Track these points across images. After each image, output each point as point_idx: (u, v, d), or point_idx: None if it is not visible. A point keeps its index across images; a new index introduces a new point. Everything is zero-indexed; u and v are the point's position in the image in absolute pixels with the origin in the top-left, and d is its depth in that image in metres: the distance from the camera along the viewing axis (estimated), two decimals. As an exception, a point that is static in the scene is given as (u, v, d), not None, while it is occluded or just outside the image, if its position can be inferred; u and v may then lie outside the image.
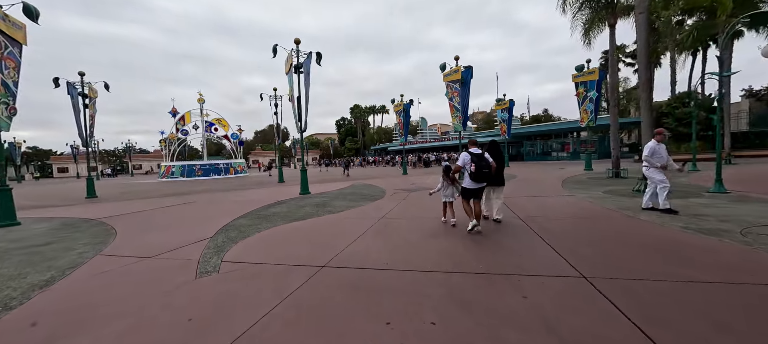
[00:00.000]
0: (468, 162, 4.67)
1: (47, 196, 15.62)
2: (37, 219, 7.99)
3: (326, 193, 11.07)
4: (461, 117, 13.95)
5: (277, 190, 13.27)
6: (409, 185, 12.90)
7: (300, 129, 11.17)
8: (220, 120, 30.87)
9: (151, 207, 9.34)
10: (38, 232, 6.13)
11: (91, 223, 7.02)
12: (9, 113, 7.44)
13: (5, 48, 7.29)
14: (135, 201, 11.59)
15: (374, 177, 19.94)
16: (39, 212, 9.44)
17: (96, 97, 14.42)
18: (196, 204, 9.82)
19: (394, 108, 21.85)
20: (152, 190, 16.49)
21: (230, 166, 28.44)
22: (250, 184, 17.98)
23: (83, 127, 13.54)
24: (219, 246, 4.52)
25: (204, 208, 8.75)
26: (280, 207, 8.25)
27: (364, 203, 8.35)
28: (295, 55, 10.83)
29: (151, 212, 8.45)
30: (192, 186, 18.58)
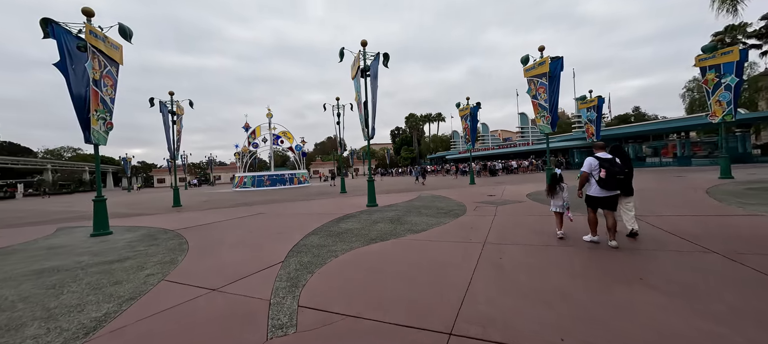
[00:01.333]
0: (596, 167, 4.22)
1: (143, 204, 17.45)
2: (126, 228, 8.32)
3: (395, 206, 9.99)
4: (549, 116, 11.81)
5: (342, 201, 12.64)
6: (486, 197, 11.18)
7: (367, 135, 10.35)
8: (285, 133, 32.49)
9: (224, 218, 9.27)
10: (120, 245, 6.08)
11: (169, 235, 6.92)
12: (106, 128, 7.89)
13: (104, 67, 7.77)
14: (211, 211, 11.95)
15: (440, 187, 18.42)
16: (132, 221, 10.06)
17: (182, 114, 15.68)
18: (265, 215, 9.53)
19: (459, 112, 20.19)
20: (227, 200, 17.37)
21: (294, 177, 29.51)
22: (314, 194, 17.93)
23: (172, 140, 14.72)
24: (292, 277, 3.61)
25: (273, 221, 8.31)
26: (351, 221, 7.34)
27: (446, 219, 7.00)
28: (362, 58, 10.13)
29: (224, 224, 8.25)
30: (261, 196, 19.24)
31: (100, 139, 7.69)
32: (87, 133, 7.37)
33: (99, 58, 7.58)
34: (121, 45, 8.34)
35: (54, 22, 7.17)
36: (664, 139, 29.26)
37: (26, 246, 6.59)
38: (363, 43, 10.15)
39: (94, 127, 7.44)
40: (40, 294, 3.47)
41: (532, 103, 12.37)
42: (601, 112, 20.32)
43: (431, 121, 75.88)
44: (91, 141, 7.42)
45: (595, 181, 4.24)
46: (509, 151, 40.14)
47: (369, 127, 10.21)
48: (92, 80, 7.37)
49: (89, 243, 6.54)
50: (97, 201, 7.54)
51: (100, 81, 7.61)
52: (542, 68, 11.62)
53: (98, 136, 7.60)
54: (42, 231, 8.70)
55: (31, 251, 6.00)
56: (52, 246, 6.40)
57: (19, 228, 10.18)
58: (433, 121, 76.42)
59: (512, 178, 24.12)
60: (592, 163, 4.27)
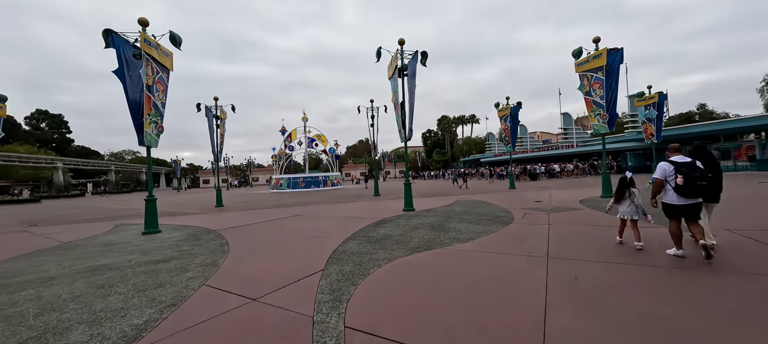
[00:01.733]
0: (671, 173, 3.84)
1: (190, 204, 18.52)
2: (174, 227, 8.67)
3: (434, 211, 9.48)
4: (606, 115, 10.62)
5: (377, 204, 12.37)
6: (532, 203, 10.28)
7: (404, 137, 9.98)
8: (319, 136, 33.16)
9: (263, 220, 9.37)
10: (167, 244, 6.25)
11: (211, 236, 7.03)
12: (157, 131, 8.28)
13: (156, 73, 8.17)
14: (250, 212, 12.25)
15: (478, 191, 17.53)
16: (179, 220, 10.55)
17: (225, 118, 16.42)
18: (302, 218, 9.50)
19: (498, 112, 19.14)
20: (264, 201, 17.89)
21: (328, 179, 29.94)
22: (348, 197, 17.90)
23: (215, 143, 15.45)
24: (334, 289, 3.31)
25: (309, 224, 8.20)
26: (389, 226, 6.99)
27: (493, 227, 6.40)
28: (399, 57, 9.80)
29: (262, 226, 8.30)
30: (296, 197, 19.61)
31: (152, 142, 8.08)
32: (140, 135, 7.77)
33: (152, 64, 7.99)
34: (171, 52, 8.77)
35: (114, 32, 7.65)
36: (738, 139, 25.65)
37: (87, 241, 7.02)
38: (400, 42, 9.83)
39: (146, 130, 7.82)
40: (89, 294, 3.49)
41: (586, 100, 11.25)
42: (662, 109, 18.20)
43: (464, 122, 73.86)
44: (144, 143, 7.81)
45: (671, 188, 3.84)
46: (550, 153, 37.65)
47: (406, 128, 9.83)
48: (145, 86, 7.76)
49: (140, 241, 6.82)
50: (148, 201, 7.92)
51: (152, 86, 8.00)
52: (598, 61, 10.51)
53: (150, 139, 7.99)
54: (102, 228, 9.36)
55: (89, 247, 6.35)
56: (107, 242, 6.75)
57: (86, 223, 11.10)
58: (467, 123, 74.33)
59: (556, 183, 22.42)
60: (667, 168, 3.89)
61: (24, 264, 5.13)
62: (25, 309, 3.11)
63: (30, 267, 4.92)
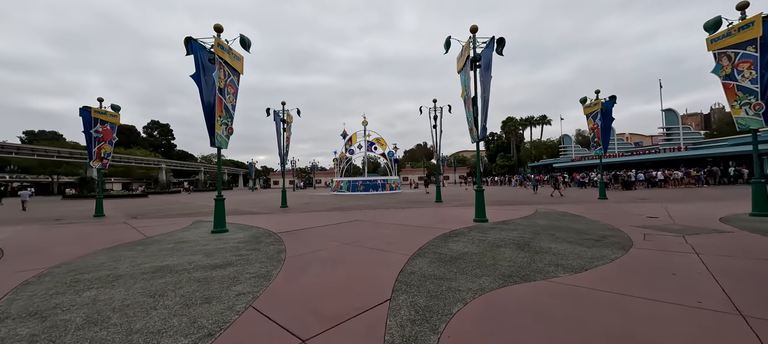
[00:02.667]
0: None
1: (260, 203, 19.70)
2: (239, 227, 8.81)
3: (512, 223, 8.02)
4: (760, 103, 7.83)
5: (441, 212, 11.22)
6: (646, 219, 8.06)
7: (476, 136, 8.72)
8: (378, 139, 33.12)
9: (322, 223, 9.02)
10: (229, 245, 6.11)
11: (272, 239, 6.79)
12: (228, 132, 8.50)
13: (228, 76, 8.40)
14: (311, 214, 12.20)
15: (558, 201, 15.09)
16: (247, 219, 10.88)
17: (291, 122, 17.02)
18: (361, 223, 8.90)
19: (584, 109, 16.32)
20: (325, 203, 18.06)
21: (387, 182, 29.57)
22: (408, 202, 17.04)
23: (282, 146, 16.04)
24: (408, 337, 2.40)
25: (370, 231, 7.51)
26: (463, 242, 5.87)
27: (607, 251, 4.82)
28: (471, 46, 8.61)
29: (321, 231, 7.88)
30: (356, 200, 19.44)
31: (222, 143, 8.29)
32: (212, 137, 8.01)
33: (224, 68, 8.21)
34: (242, 56, 8.99)
35: (193, 39, 8.04)
36: None
37: (164, 237, 7.37)
38: (473, 30, 8.65)
39: (217, 132, 8.04)
40: (139, 304, 3.19)
41: (725, 86, 8.53)
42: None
43: (533, 124, 67.35)
44: (215, 144, 8.03)
45: None
46: (648, 158, 31.50)
47: (479, 127, 8.56)
48: (218, 88, 7.98)
49: (207, 240, 6.88)
50: (218, 201, 8.11)
51: (224, 89, 8.22)
52: (748, 33, 7.85)
53: (221, 140, 8.20)
54: (183, 223, 10.04)
55: (164, 243, 6.57)
56: (180, 240, 6.95)
57: (174, 218, 12.20)
58: (536, 125, 67.68)
59: (661, 194, 18.32)
60: None
61: (104, 257, 5.36)
62: (73, 318, 2.88)
63: (107, 261, 5.07)
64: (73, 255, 5.67)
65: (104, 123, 14.34)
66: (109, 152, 14.85)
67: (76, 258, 5.37)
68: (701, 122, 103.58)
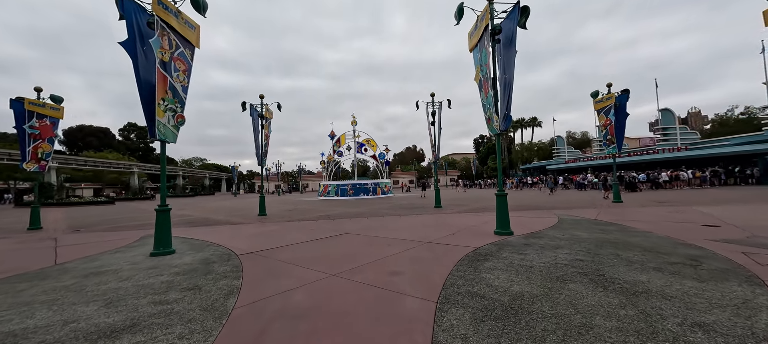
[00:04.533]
0: None
1: (237, 210, 17.45)
2: (193, 244, 6.75)
3: (543, 235, 6.30)
4: None
5: (446, 220, 9.43)
6: (707, 230, 6.50)
7: (497, 126, 6.97)
8: (369, 141, 31.26)
9: (303, 239, 7.08)
10: (158, 282, 4.11)
11: (229, 266, 4.83)
12: (176, 122, 6.47)
13: (176, 48, 6.39)
14: (293, 223, 10.21)
15: (571, 205, 13.59)
16: (209, 232, 8.79)
17: (271, 118, 14.96)
18: (352, 237, 7.01)
19: (595, 105, 14.94)
20: (311, 210, 16.04)
21: (378, 186, 27.69)
22: (403, 207, 15.22)
23: (259, 145, 13.97)
24: None
25: (366, 250, 5.62)
26: (500, 271, 4.08)
27: (747, 292, 3.12)
28: (489, 16, 6.90)
29: (301, 250, 5.95)
30: (345, 206, 17.49)
31: (168, 135, 6.26)
32: (151, 126, 5.96)
33: (169, 35, 6.21)
34: (198, 25, 7.00)
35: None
36: None
37: (78, 265, 5.28)
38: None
39: (159, 120, 6.01)
40: None
41: None
42: None
43: (524, 126, 66.99)
44: (156, 136, 5.98)
45: None
46: (654, 158, 30.57)
47: (500, 114, 6.82)
48: (159, 62, 5.97)
49: (136, 269, 4.85)
50: (160, 212, 6.04)
51: (169, 64, 6.21)
52: None
53: (165, 131, 6.17)
54: (125, 240, 7.88)
55: (67, 277, 4.51)
56: (96, 270, 4.89)
57: (122, 231, 9.97)
58: (527, 127, 67.36)
59: (674, 196, 17.13)
60: None
61: (-65, 313, 3.29)
62: None
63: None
64: None
65: (42, 117, 11.96)
66: (49, 152, 12.44)
67: None
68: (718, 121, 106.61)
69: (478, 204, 15.87)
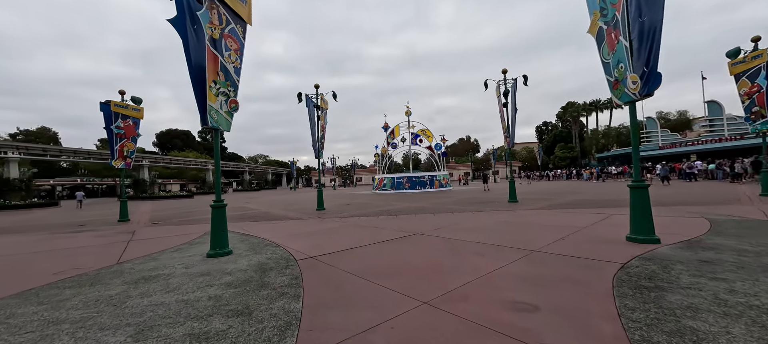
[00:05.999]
0: None
1: (296, 204, 17.46)
2: (249, 246, 6.10)
3: (706, 244, 4.24)
4: None
5: (533, 219, 7.58)
6: None
7: (634, 93, 4.97)
8: (424, 131, 29.62)
9: (369, 240, 5.99)
10: (204, 298, 3.28)
11: (287, 276, 3.90)
12: (229, 108, 5.81)
13: (226, 24, 5.69)
14: (352, 219, 9.31)
15: (700, 200, 10.50)
16: (268, 229, 8.27)
17: (326, 109, 14.38)
18: (428, 240, 5.70)
19: (732, 68, 11.28)
20: (368, 204, 15.20)
21: (435, 179, 26.01)
22: (469, 202, 13.47)
23: (316, 137, 13.44)
24: None
25: (450, 262, 4.27)
26: (706, 312, 2.38)
27: None
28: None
29: (369, 258, 4.83)
30: (404, 201, 16.31)
31: (221, 122, 5.61)
32: (203, 113, 5.33)
33: (219, 9, 5.52)
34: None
35: (177, -27, 5.44)
36: None
37: (135, 267, 4.86)
38: None
39: (211, 105, 5.35)
40: None
41: None
42: None
43: (599, 108, 58.42)
44: (208, 123, 5.34)
45: None
46: None
47: (637, 71, 4.80)
48: (209, 39, 5.30)
49: (188, 275, 4.19)
50: (215, 208, 5.42)
51: (219, 42, 5.53)
52: None
53: (218, 118, 5.52)
54: (188, 236, 7.70)
55: (116, 283, 3.99)
56: (147, 275, 4.35)
57: (190, 225, 10.12)
58: (602, 109, 58.61)
59: None
60: None
61: (21, 308, 2.80)
62: None
63: None
64: (-55, 312, 3.23)
65: (126, 118, 12.89)
66: (133, 150, 13.41)
67: (-75, 326, 2.89)
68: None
69: (562, 199, 13.39)
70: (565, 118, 62.43)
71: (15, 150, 31.01)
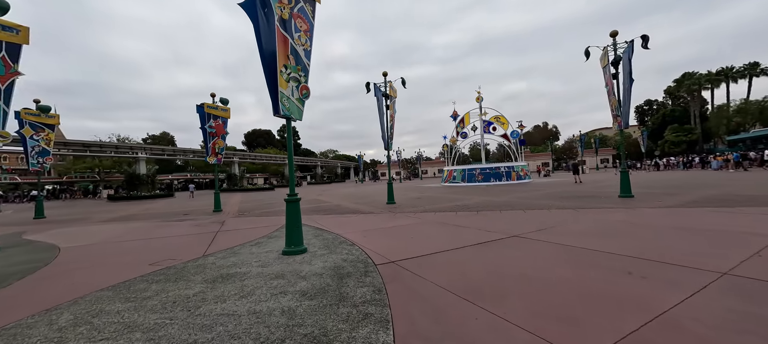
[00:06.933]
0: None
1: (365, 197, 17.35)
2: (325, 242, 5.68)
3: None
4: None
5: (673, 221, 5.57)
6: None
7: None
8: (498, 118, 26.91)
9: (455, 242, 5.02)
10: (291, 297, 2.76)
11: (367, 285, 3.23)
12: (300, 95, 5.41)
13: (296, 2, 5.26)
14: (428, 214, 8.42)
15: None
16: (340, 223, 7.92)
17: (395, 97, 13.67)
18: (535, 247, 4.46)
19: None
20: (441, 197, 14.13)
21: (512, 170, 23.39)
22: (565, 197, 11.33)
23: (385, 127, 12.86)
24: None
25: (592, 284, 3.04)
26: None
27: None
28: None
29: (463, 261, 3.88)
30: (480, 194, 14.77)
31: (293, 110, 5.23)
32: (275, 102, 4.99)
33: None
34: (319, -27, 5.75)
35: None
36: None
37: (216, 261, 4.79)
38: None
39: (283, 92, 4.99)
40: None
41: None
42: None
43: (732, 77, 45.67)
44: (280, 112, 4.99)
45: None
46: None
47: None
48: (278, 19, 4.91)
49: (264, 276, 3.86)
50: (289, 202, 5.09)
51: (289, 22, 5.12)
52: None
53: (290, 106, 5.15)
54: (267, 229, 7.80)
55: (207, 275, 3.84)
56: (227, 273, 4.15)
57: (269, 217, 10.50)
58: (737, 78, 45.69)
59: None
60: None
61: (66, 318, 2.74)
62: None
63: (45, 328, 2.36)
64: (81, 285, 3.36)
65: (216, 118, 14.16)
66: (223, 147, 14.72)
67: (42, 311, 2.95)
68: None
69: (697, 194, 10.33)
70: (679, 94, 50.67)
71: (142, 151, 38.44)
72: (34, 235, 8.77)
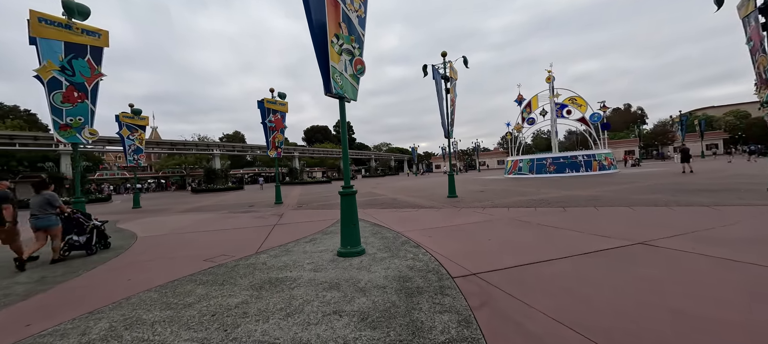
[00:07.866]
0: None
1: (423, 190, 16.37)
2: (384, 242, 4.90)
3: None
4: None
5: None
6: None
7: None
8: (574, 99, 23.35)
9: (551, 252, 3.81)
10: (346, 318, 2.01)
11: (449, 310, 2.29)
12: (355, 70, 4.64)
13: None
14: (499, 210, 7.14)
15: None
16: (399, 219, 7.10)
17: (456, 79, 12.35)
18: (671, 258, 3.05)
19: None
20: (507, 190, 12.50)
21: (593, 159, 20.08)
22: (675, 189, 8.88)
23: (445, 113, 11.66)
24: None
25: None
26: None
27: None
28: None
29: (567, 275, 2.71)
30: (556, 187, 12.70)
31: (347, 88, 4.50)
32: (327, 80, 4.29)
33: (338, -56, 4.32)
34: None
35: None
36: None
37: (268, 260, 4.33)
38: None
39: (335, 66, 4.27)
40: None
41: None
42: None
43: None
44: (332, 90, 4.28)
45: None
46: None
47: None
48: (329, -18, 4.17)
49: (312, 285, 3.20)
50: (344, 195, 4.39)
51: None
52: None
53: (343, 83, 4.42)
54: (325, 222, 7.37)
55: (256, 277, 3.35)
56: (279, 272, 3.62)
57: (327, 210, 10.20)
58: None
59: None
60: None
61: (122, 312, 2.38)
62: None
63: None
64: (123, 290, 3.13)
65: (275, 112, 14.46)
66: (282, 141, 15.03)
67: (74, 321, 2.68)
68: None
69: None
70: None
71: (217, 148, 42.91)
72: (126, 224, 9.70)
